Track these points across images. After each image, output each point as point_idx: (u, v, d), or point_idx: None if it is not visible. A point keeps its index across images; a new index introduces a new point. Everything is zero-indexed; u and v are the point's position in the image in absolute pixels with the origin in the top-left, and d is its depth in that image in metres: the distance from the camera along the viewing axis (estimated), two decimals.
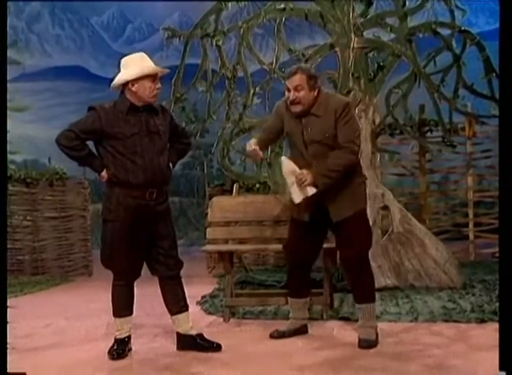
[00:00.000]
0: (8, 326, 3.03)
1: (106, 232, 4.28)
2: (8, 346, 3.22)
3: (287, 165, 4.34)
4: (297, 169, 4.28)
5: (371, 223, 6.82)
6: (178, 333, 4.42)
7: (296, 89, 4.33)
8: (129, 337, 4.35)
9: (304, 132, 4.36)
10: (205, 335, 4.47)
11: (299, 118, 4.40)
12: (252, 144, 4.47)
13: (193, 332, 4.40)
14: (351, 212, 4.35)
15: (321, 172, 4.24)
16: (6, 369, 3.20)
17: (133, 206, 4.18)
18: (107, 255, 4.30)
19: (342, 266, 5.06)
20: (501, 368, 2.95)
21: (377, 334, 4.47)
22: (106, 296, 4.42)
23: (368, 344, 4.38)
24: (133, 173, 4.15)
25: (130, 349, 4.35)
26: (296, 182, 4.25)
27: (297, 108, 4.36)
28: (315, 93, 4.36)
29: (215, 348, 4.33)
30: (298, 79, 4.33)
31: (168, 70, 4.42)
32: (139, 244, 4.24)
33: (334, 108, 4.31)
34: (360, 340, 4.43)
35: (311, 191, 4.25)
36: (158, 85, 4.25)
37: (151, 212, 4.24)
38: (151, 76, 4.20)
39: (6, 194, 3.55)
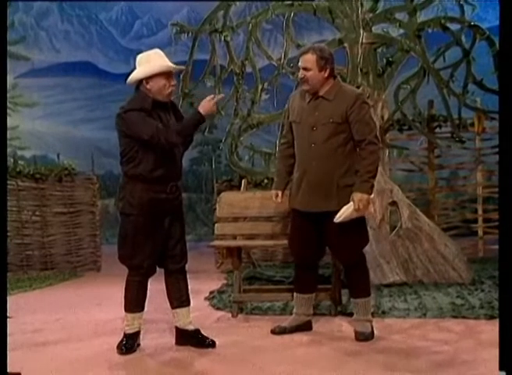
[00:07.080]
0: (16, 321, 3.06)
1: (128, 227, 4.23)
2: (12, 341, 3.21)
3: None
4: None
5: (379, 218, 6.91)
6: (176, 328, 4.43)
7: (305, 68, 4.39)
8: (138, 333, 4.36)
9: (312, 115, 4.39)
10: (213, 331, 4.46)
11: (310, 102, 4.43)
12: (274, 197, 4.70)
13: (191, 327, 4.39)
14: (333, 208, 4.30)
15: (362, 179, 4.27)
16: (6, 368, 3.20)
17: (155, 200, 4.17)
18: (128, 251, 4.24)
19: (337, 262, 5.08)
20: (501, 368, 2.93)
21: (372, 328, 4.48)
22: (115, 291, 4.43)
23: (364, 336, 4.40)
24: (155, 168, 4.15)
25: (139, 344, 4.36)
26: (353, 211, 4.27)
27: (305, 87, 4.43)
28: (325, 74, 4.37)
29: (210, 344, 4.31)
30: (307, 59, 4.39)
31: (183, 67, 4.37)
32: (158, 239, 4.23)
33: (347, 98, 4.34)
34: (356, 332, 4.44)
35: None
36: (173, 82, 4.25)
37: (170, 205, 4.25)
38: (166, 74, 4.19)
39: (6, 194, 3.55)
